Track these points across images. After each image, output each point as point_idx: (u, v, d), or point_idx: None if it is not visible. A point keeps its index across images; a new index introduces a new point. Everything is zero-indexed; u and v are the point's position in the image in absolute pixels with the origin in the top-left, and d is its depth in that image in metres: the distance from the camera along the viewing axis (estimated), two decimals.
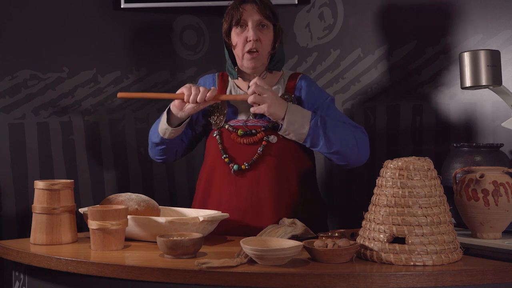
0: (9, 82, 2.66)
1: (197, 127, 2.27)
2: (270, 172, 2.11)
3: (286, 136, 2.08)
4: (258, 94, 2.02)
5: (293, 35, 2.76)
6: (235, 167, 2.11)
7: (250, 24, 2.11)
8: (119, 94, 2.15)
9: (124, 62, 2.79)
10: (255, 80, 2.03)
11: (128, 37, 2.79)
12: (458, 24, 2.53)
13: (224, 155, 2.13)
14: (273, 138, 2.12)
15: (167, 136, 2.17)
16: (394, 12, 2.64)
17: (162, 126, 2.17)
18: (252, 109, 2.05)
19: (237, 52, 2.16)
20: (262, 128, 2.13)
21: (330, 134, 2.05)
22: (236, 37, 2.15)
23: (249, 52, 2.12)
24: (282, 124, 2.05)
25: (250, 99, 2.03)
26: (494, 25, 2.47)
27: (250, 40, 2.10)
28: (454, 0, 2.54)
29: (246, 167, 2.11)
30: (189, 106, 2.08)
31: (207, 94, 2.06)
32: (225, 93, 2.23)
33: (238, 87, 2.23)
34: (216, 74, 2.30)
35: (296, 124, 2.04)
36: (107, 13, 2.76)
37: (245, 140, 2.12)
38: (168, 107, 2.15)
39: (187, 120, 2.16)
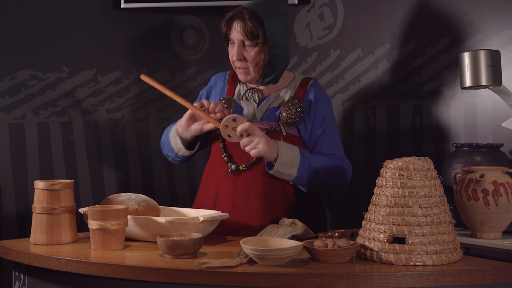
0: (9, 82, 2.66)
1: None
2: (266, 175, 2.11)
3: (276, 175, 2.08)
4: (248, 134, 2.00)
5: (293, 35, 2.76)
6: (233, 166, 2.13)
7: (236, 42, 2.13)
8: (142, 76, 2.13)
9: (124, 62, 2.79)
10: (243, 127, 1.99)
11: (128, 37, 2.79)
12: (458, 24, 2.53)
13: (224, 154, 2.15)
14: None
15: (181, 154, 2.23)
16: (394, 12, 2.64)
17: (175, 146, 2.21)
18: (251, 153, 2.01)
19: (231, 63, 2.20)
20: (264, 131, 2.12)
21: (313, 181, 2.10)
22: (228, 50, 2.19)
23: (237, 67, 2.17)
24: (273, 164, 2.05)
25: (243, 144, 2.01)
26: (494, 25, 2.47)
27: (234, 60, 2.14)
28: (454, 0, 2.54)
29: (244, 168, 2.12)
30: (194, 127, 2.12)
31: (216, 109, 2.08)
32: (234, 92, 2.24)
33: (245, 85, 2.25)
34: (228, 72, 2.32)
35: (286, 167, 2.05)
36: (107, 13, 2.76)
37: None
38: (173, 126, 2.19)
39: (198, 144, 2.20)
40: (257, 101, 2.20)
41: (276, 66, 2.15)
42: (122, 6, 2.73)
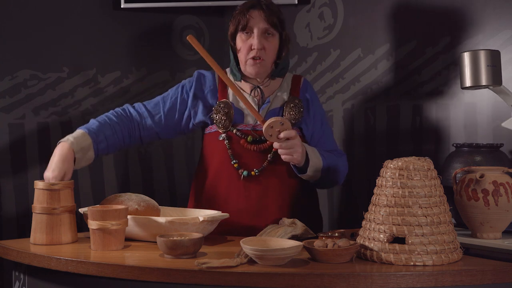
0: (9, 82, 2.66)
1: (189, 125, 2.23)
2: (279, 178, 2.13)
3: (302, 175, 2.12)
4: (287, 139, 2.00)
5: (293, 35, 2.76)
6: (245, 173, 2.12)
7: (255, 31, 2.10)
8: (190, 38, 2.07)
9: (124, 62, 2.79)
10: (288, 134, 1.99)
11: (128, 37, 2.79)
12: (458, 24, 2.53)
13: (234, 161, 2.13)
14: None
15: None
16: (394, 12, 2.64)
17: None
18: (283, 157, 2.03)
19: (241, 57, 2.14)
20: None
21: (328, 178, 2.17)
22: (241, 42, 2.14)
23: (253, 58, 2.11)
24: (297, 166, 2.09)
25: (281, 147, 2.01)
26: (494, 25, 2.47)
27: (255, 48, 2.10)
28: (454, 0, 2.54)
29: (256, 173, 2.11)
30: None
31: None
32: (227, 95, 2.19)
33: (241, 88, 2.21)
34: (215, 74, 2.23)
35: (316, 170, 2.10)
36: (107, 13, 2.76)
37: (255, 147, 2.12)
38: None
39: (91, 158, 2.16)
40: (258, 103, 2.18)
41: (287, 59, 2.20)
42: (122, 6, 2.73)
